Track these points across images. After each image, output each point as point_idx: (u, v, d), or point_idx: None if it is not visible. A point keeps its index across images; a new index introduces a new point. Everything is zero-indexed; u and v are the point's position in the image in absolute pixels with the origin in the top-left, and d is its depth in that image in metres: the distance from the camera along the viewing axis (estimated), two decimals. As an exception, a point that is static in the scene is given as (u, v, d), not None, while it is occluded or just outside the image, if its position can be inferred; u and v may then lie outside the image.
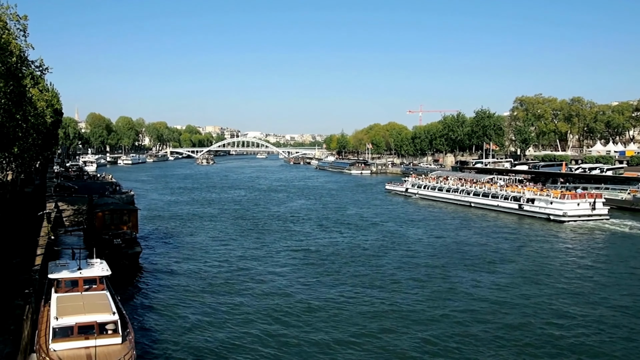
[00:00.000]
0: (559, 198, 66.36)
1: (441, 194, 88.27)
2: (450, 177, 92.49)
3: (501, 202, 74.61)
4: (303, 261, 43.01)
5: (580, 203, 65.57)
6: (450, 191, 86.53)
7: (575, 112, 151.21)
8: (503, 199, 74.63)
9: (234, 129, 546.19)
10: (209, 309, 30.38)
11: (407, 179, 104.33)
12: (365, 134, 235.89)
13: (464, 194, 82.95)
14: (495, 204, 75.77)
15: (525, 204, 70.50)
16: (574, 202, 65.55)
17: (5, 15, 22.61)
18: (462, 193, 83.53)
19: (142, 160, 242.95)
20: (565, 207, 65.27)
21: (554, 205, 66.45)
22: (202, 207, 78.02)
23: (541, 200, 68.58)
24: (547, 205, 67.40)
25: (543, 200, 68.30)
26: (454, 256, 45.17)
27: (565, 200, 65.62)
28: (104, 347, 19.38)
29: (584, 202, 65.71)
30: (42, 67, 29.95)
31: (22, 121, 30.09)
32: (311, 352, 24.58)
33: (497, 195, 76.04)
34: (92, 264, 26.30)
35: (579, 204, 65.51)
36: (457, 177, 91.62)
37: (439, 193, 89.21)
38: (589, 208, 65.52)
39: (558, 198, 66.41)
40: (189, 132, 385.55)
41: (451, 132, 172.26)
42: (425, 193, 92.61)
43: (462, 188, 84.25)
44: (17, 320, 19.99)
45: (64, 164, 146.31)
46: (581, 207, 65.45)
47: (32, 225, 39.86)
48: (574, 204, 65.41)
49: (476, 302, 31.85)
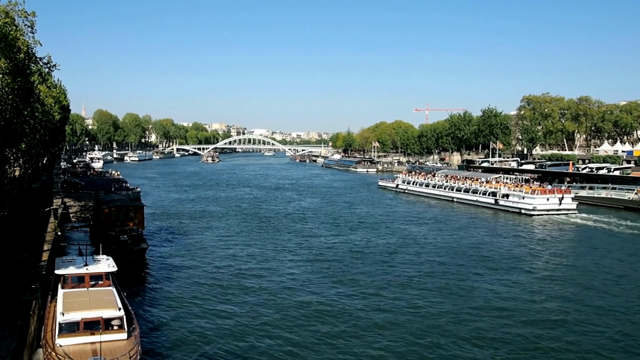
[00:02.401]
0: (530, 194, 71.22)
1: (427, 190, 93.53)
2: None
3: (480, 197, 79.86)
4: (311, 261, 42.98)
5: (550, 198, 70.51)
6: (435, 187, 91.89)
7: (583, 111, 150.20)
8: (481, 194, 79.79)
9: (240, 127, 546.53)
10: (214, 306, 30.47)
11: (397, 175, 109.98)
12: (372, 132, 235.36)
13: (447, 190, 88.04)
14: (474, 199, 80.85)
15: (500, 199, 75.77)
16: (544, 197, 70.44)
17: (13, 12, 22.67)
18: (445, 189, 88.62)
19: (148, 157, 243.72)
20: (535, 201, 70.13)
21: (525, 200, 71.28)
22: (208, 205, 78.20)
23: (514, 196, 73.52)
24: (519, 200, 72.25)
25: (516, 196, 73.20)
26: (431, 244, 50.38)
27: (535, 196, 70.54)
28: (109, 342, 19.46)
29: (553, 198, 70.65)
30: (49, 63, 30.03)
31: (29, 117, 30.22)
32: (318, 350, 24.62)
33: (477, 190, 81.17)
34: (98, 260, 26.40)
35: (548, 199, 70.43)
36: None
37: (425, 189, 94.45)
38: (557, 203, 70.36)
39: (529, 193, 71.25)
40: (195, 129, 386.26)
41: (458, 130, 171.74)
42: (413, 189, 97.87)
43: (446, 184, 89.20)
44: (24, 316, 20.11)
45: (71, 161, 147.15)
46: (550, 202, 70.36)
47: (39, 221, 40.06)
48: (543, 199, 70.31)
49: (431, 281, 33.89)
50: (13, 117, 22.79)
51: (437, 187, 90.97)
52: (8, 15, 21.96)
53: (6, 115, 21.99)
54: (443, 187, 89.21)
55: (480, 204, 78.73)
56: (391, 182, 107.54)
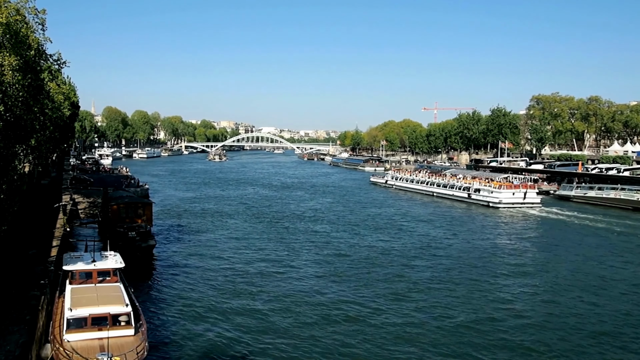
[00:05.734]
0: (497, 188, 78.51)
1: (412, 185, 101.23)
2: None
3: (455, 192, 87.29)
4: (320, 262, 42.96)
5: (515, 193, 77.62)
6: (418, 182, 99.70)
7: (593, 111, 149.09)
8: (457, 189, 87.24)
9: (249, 124, 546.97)
10: (222, 304, 30.57)
11: (387, 172, 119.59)
12: (380, 130, 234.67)
13: (428, 185, 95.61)
14: (451, 193, 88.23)
15: (473, 194, 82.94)
16: (509, 191, 77.75)
17: (24, 9, 22.81)
18: (427, 184, 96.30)
19: (156, 154, 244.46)
20: (501, 196, 77.73)
21: (493, 195, 78.72)
22: (217, 204, 78.28)
23: (485, 190, 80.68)
24: (488, 194, 79.56)
25: (486, 190, 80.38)
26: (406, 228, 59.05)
27: (501, 190, 78.00)
28: (116, 338, 19.57)
29: (518, 192, 77.63)
30: (59, 60, 30.16)
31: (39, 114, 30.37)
32: (323, 352, 24.67)
33: (453, 186, 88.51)
34: (106, 257, 26.55)
35: (513, 193, 77.64)
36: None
37: (410, 184, 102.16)
38: (521, 197, 77.36)
39: (497, 188, 78.56)
40: (203, 126, 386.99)
41: (466, 130, 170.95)
42: (400, 184, 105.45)
43: (428, 180, 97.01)
44: (33, 311, 20.26)
45: (80, 157, 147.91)
46: (515, 196, 77.54)
47: (48, 217, 40.30)
48: (509, 193, 77.63)
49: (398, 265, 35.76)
50: (23, 113, 22.92)
51: (420, 182, 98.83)
52: (19, 13, 22.08)
53: (16, 111, 22.13)
54: (425, 183, 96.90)
55: (456, 198, 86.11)
56: (381, 178, 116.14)
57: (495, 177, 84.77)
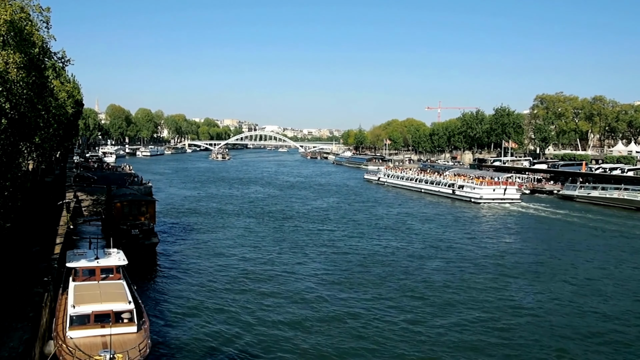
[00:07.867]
0: (479, 185, 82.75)
1: (402, 182, 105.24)
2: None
3: (441, 188, 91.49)
4: (325, 263, 42.85)
5: (496, 189, 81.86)
6: (407, 180, 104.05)
7: (597, 111, 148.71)
8: (442, 185, 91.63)
9: (252, 123, 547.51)
10: (224, 302, 30.58)
11: (380, 169, 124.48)
12: (383, 129, 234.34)
13: (416, 182, 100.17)
14: (437, 189, 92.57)
15: (457, 190, 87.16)
16: (490, 188, 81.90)
17: (28, 7, 22.91)
18: (415, 181, 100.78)
19: (160, 152, 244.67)
20: (482, 192, 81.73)
21: (474, 191, 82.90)
22: (220, 202, 78.09)
23: (467, 187, 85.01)
24: (470, 191, 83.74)
25: (468, 187, 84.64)
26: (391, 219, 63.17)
27: (482, 187, 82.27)
28: (119, 335, 19.66)
29: (498, 189, 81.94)
30: (64, 58, 30.31)
31: (43, 111, 30.49)
32: (323, 352, 24.70)
33: (439, 182, 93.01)
34: (109, 254, 26.65)
35: (494, 189, 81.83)
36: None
37: (400, 181, 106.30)
38: (501, 193, 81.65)
39: (478, 185, 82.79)
40: (207, 125, 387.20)
41: (470, 129, 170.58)
42: (392, 181, 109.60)
43: (417, 177, 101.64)
44: (36, 308, 20.34)
45: (83, 155, 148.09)
46: (495, 193, 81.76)
47: (52, 215, 40.39)
48: (489, 190, 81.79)
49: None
50: (27, 111, 23.02)
51: (409, 179, 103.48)
52: (23, 11, 22.19)
53: (21, 109, 22.23)
54: (414, 180, 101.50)
55: (442, 194, 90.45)
56: (374, 175, 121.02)
57: (496, 176, 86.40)
